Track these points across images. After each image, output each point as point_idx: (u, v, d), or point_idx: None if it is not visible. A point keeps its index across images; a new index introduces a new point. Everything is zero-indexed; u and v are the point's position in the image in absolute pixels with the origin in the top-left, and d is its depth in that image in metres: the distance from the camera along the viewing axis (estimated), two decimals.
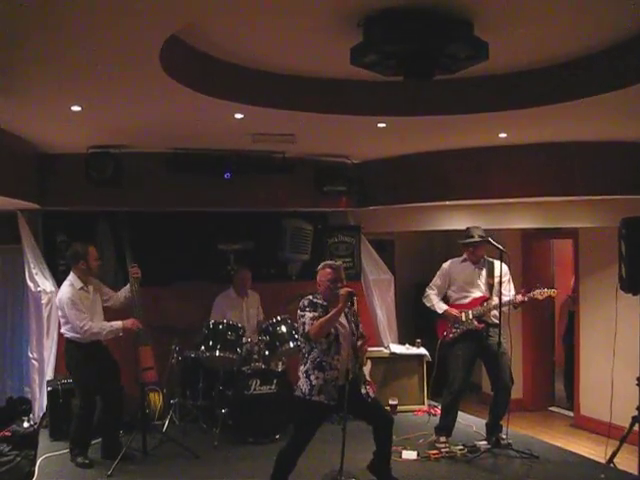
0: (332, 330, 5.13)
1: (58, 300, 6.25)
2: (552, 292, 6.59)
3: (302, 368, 5.23)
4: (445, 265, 6.95)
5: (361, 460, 5.58)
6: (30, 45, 3.87)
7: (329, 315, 5.08)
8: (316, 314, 5.13)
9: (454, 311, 6.65)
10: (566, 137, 6.96)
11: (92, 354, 6.17)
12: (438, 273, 6.95)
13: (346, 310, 5.27)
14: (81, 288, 6.20)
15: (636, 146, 7.04)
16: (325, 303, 5.23)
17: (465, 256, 6.78)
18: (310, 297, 5.31)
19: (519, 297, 6.48)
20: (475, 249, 6.67)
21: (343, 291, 5.14)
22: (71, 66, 4.30)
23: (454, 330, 6.62)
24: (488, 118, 5.88)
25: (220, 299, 7.81)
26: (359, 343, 5.35)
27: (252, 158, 7.88)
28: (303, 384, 5.17)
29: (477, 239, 6.62)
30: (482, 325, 6.52)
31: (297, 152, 7.93)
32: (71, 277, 6.26)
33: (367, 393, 5.29)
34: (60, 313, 6.23)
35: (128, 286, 6.49)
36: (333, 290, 5.21)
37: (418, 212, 8.53)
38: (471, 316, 6.55)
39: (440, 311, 6.75)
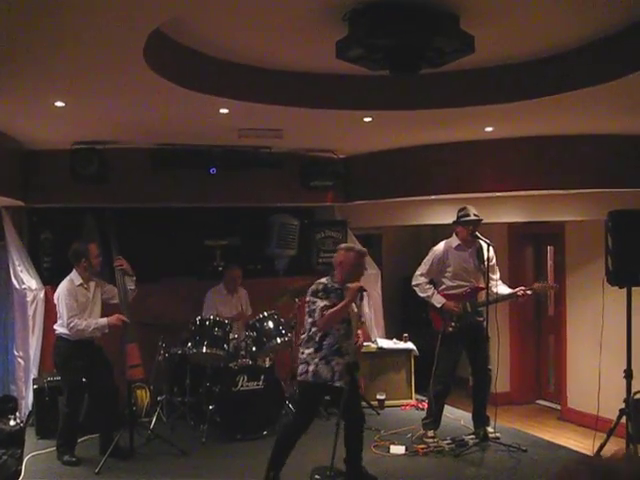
0: (346, 317, 5.19)
1: (56, 295, 6.27)
2: (553, 287, 6.61)
3: (312, 352, 5.20)
4: (439, 248, 6.71)
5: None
6: (12, 41, 3.82)
7: (336, 308, 5.10)
8: (327, 303, 5.13)
9: (453, 305, 6.51)
10: (552, 130, 6.97)
11: (80, 351, 6.15)
12: (430, 257, 6.71)
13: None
14: (80, 285, 6.20)
15: (623, 139, 7.06)
16: (341, 287, 5.24)
17: (459, 241, 6.63)
18: (324, 281, 5.29)
19: (520, 291, 6.46)
20: (464, 229, 6.55)
21: (353, 286, 5.14)
22: (54, 61, 4.25)
23: (453, 324, 6.53)
24: (474, 112, 5.87)
25: (211, 294, 7.80)
26: (363, 329, 5.43)
27: (238, 153, 7.84)
28: (323, 370, 5.15)
29: (473, 218, 6.50)
30: (482, 319, 6.48)
31: (283, 147, 7.90)
32: (72, 274, 6.28)
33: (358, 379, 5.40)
34: (57, 308, 6.23)
35: (126, 280, 6.46)
36: (355, 275, 5.24)
37: (405, 207, 8.52)
38: (470, 309, 6.51)
39: (438, 305, 6.56)
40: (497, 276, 6.68)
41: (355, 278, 5.26)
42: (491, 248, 6.52)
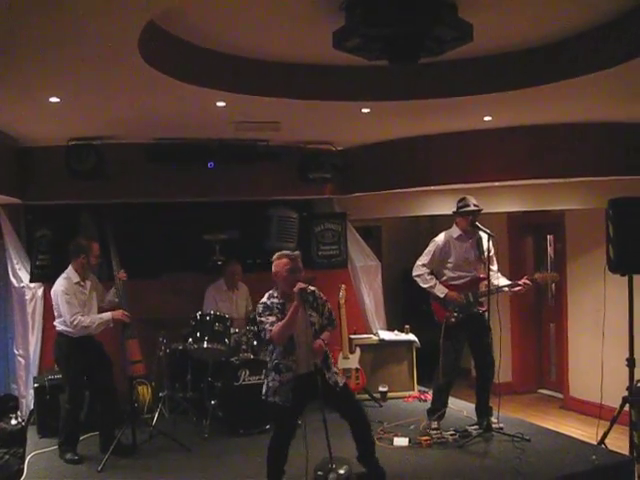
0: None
1: (53, 292, 6.19)
2: (554, 277, 6.57)
3: (267, 369, 5.28)
4: (441, 239, 6.61)
5: (352, 447, 5.50)
6: (5, 37, 3.77)
7: (286, 319, 5.00)
8: (274, 319, 5.04)
9: (456, 295, 6.43)
10: (552, 119, 6.94)
11: (82, 348, 6.11)
12: (432, 248, 6.60)
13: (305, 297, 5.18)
14: (77, 283, 6.15)
15: (622, 126, 7.03)
16: (281, 300, 5.15)
17: (460, 232, 6.55)
18: (264, 299, 5.21)
19: (522, 281, 6.42)
20: (464, 219, 6.47)
21: (296, 288, 5.01)
22: (47, 56, 4.20)
23: (456, 314, 6.46)
24: (473, 101, 5.84)
25: (211, 290, 7.76)
26: (325, 334, 5.24)
27: (236, 147, 7.80)
28: (263, 385, 5.22)
29: (472, 208, 6.41)
30: (485, 308, 6.41)
31: (281, 140, 7.85)
32: (69, 270, 6.21)
33: (336, 381, 5.21)
34: (54, 305, 6.17)
35: (113, 290, 6.42)
36: (292, 282, 5.08)
37: (404, 198, 8.49)
38: (472, 299, 6.44)
39: (441, 295, 6.47)
40: (495, 267, 6.60)
41: (293, 285, 5.08)
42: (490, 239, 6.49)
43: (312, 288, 5.32)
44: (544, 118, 6.88)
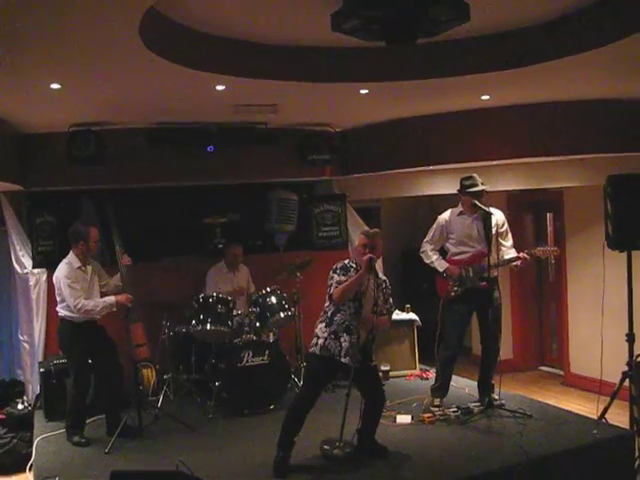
0: (358, 295, 5.24)
1: (55, 278, 6.20)
2: (554, 251, 6.61)
3: (323, 327, 5.35)
4: (443, 217, 6.75)
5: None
6: (7, 24, 3.79)
7: (350, 280, 5.21)
8: (343, 278, 5.26)
9: (454, 269, 6.54)
10: (549, 97, 6.94)
11: (85, 333, 6.14)
12: (434, 226, 6.77)
13: (379, 281, 5.44)
14: (78, 267, 6.16)
15: (619, 103, 7.03)
16: (358, 268, 5.35)
17: (462, 209, 6.63)
18: (346, 261, 5.45)
19: (522, 254, 6.47)
20: (469, 198, 6.49)
21: (365, 257, 5.23)
22: (48, 42, 4.22)
23: (455, 289, 6.56)
24: (470, 80, 5.85)
25: (212, 271, 7.80)
26: (382, 317, 5.49)
27: (235, 130, 7.82)
28: (331, 345, 5.28)
29: (481, 187, 6.46)
30: (486, 284, 6.44)
31: (280, 122, 7.87)
32: (70, 256, 6.22)
33: (371, 357, 5.50)
34: (57, 291, 6.19)
35: (118, 275, 6.45)
36: (361, 255, 5.33)
37: (402, 178, 8.51)
38: (472, 274, 6.49)
39: (441, 269, 6.62)
40: (509, 243, 6.66)
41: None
42: (501, 215, 6.60)
43: (384, 278, 5.55)
44: (542, 96, 6.89)
